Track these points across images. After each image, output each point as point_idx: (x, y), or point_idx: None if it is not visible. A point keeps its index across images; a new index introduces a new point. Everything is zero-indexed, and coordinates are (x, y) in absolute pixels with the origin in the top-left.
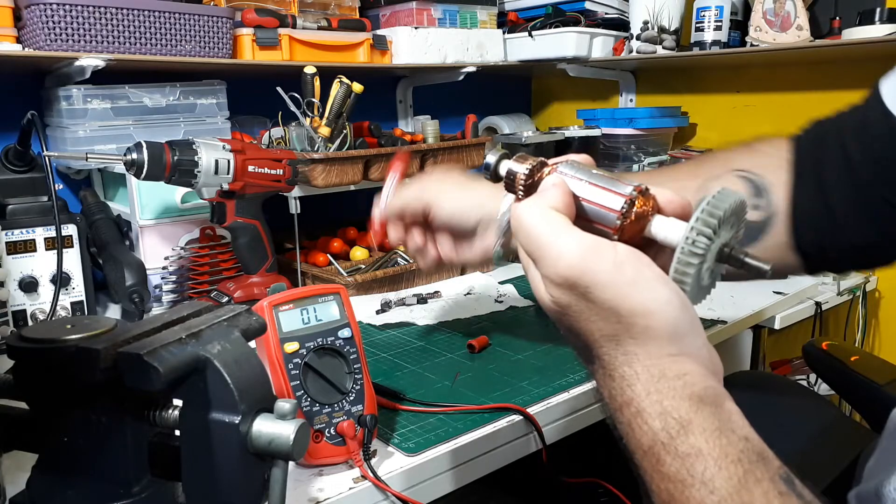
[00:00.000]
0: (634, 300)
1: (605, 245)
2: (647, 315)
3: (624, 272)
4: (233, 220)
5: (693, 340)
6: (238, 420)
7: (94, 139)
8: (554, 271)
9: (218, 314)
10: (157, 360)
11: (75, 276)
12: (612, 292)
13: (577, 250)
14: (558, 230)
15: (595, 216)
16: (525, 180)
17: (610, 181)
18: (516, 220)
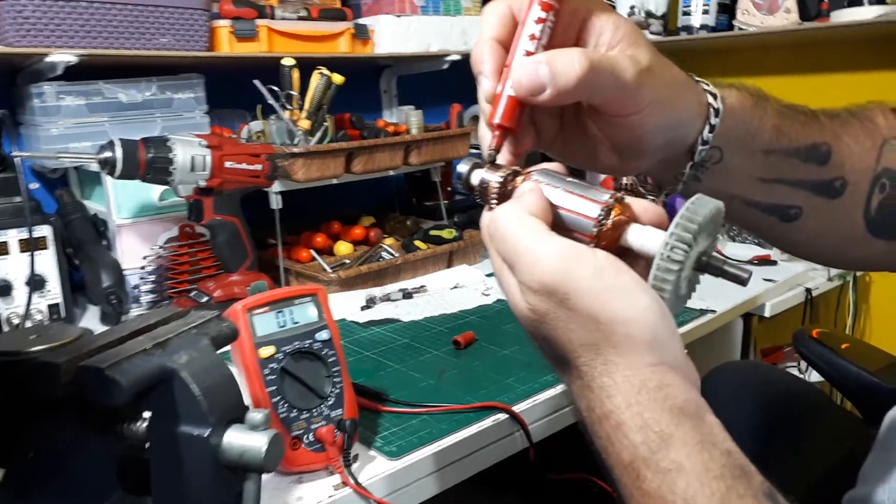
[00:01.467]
0: (615, 307)
1: (584, 251)
2: (627, 322)
3: (604, 278)
4: (211, 218)
5: (672, 349)
6: (208, 433)
7: (69, 137)
8: (531, 277)
9: (187, 321)
10: (119, 373)
11: (51, 279)
12: (592, 299)
13: (556, 255)
14: (536, 235)
15: (571, 224)
16: (499, 189)
17: (585, 189)
18: (492, 225)
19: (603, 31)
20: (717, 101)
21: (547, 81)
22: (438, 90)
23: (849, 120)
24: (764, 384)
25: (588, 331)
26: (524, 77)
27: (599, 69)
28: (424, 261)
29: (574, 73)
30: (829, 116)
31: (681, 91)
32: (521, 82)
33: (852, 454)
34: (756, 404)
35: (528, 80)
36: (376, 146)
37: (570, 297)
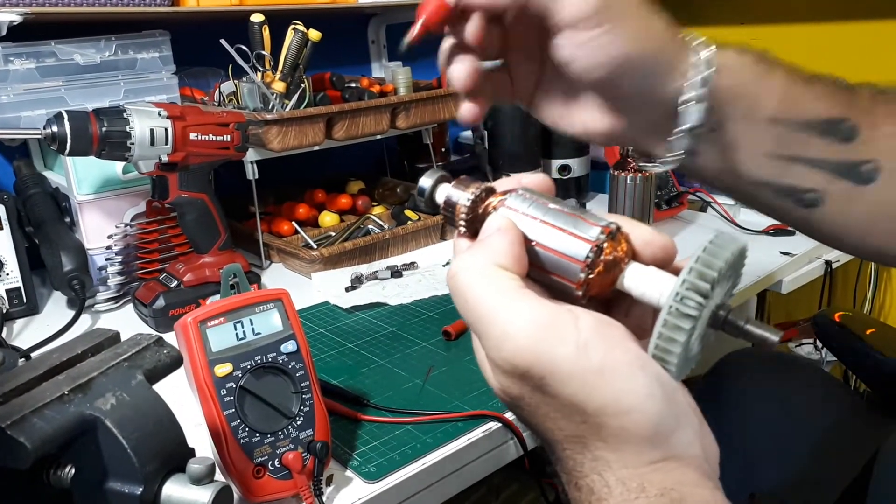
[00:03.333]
0: (604, 395)
1: (564, 320)
2: (621, 414)
3: (590, 357)
4: (177, 196)
5: (681, 436)
6: (140, 490)
7: (21, 104)
8: (499, 355)
9: (118, 351)
10: (23, 433)
11: (8, 262)
12: (576, 385)
13: (528, 329)
14: (504, 300)
15: (553, 267)
16: (467, 213)
17: (571, 220)
18: (452, 281)
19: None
20: (704, 52)
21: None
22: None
23: (891, 101)
24: (779, 373)
25: (572, 422)
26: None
27: None
28: (416, 234)
29: None
30: (870, 91)
31: (653, 25)
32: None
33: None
34: (771, 395)
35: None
36: (359, 110)
37: (547, 382)
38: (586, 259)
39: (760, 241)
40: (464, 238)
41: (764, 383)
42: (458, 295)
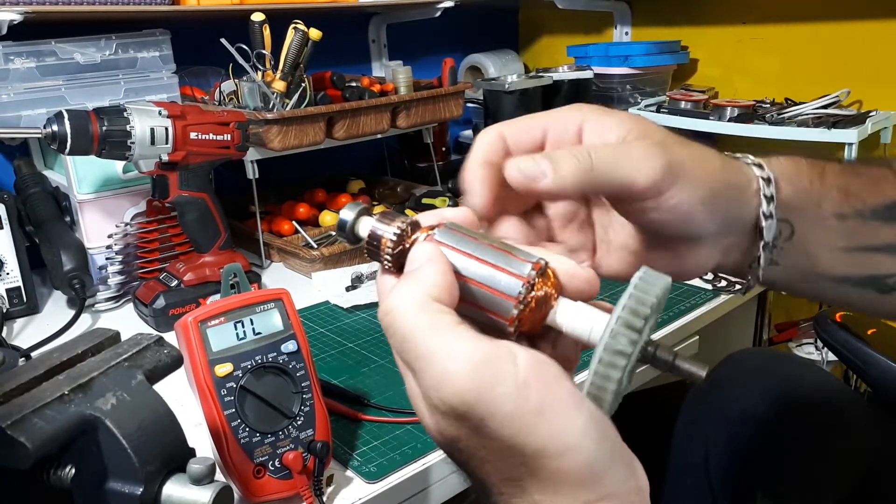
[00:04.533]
0: (542, 436)
1: (503, 358)
2: (557, 455)
3: (528, 398)
4: (177, 195)
5: (616, 473)
6: (140, 490)
7: (21, 104)
8: (437, 394)
9: (118, 351)
10: (24, 433)
11: (8, 261)
12: (515, 426)
13: (467, 369)
14: (442, 338)
15: (484, 302)
16: (393, 248)
17: (501, 255)
18: (385, 318)
19: (606, 132)
20: (764, 170)
21: (546, 169)
22: (433, 39)
23: None
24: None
25: (510, 465)
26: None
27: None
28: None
29: (577, 169)
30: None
31: (712, 162)
32: (517, 168)
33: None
34: (771, 398)
35: (526, 167)
36: (360, 109)
37: (486, 424)
38: (518, 295)
39: None
40: (388, 274)
41: (765, 383)
42: (394, 334)
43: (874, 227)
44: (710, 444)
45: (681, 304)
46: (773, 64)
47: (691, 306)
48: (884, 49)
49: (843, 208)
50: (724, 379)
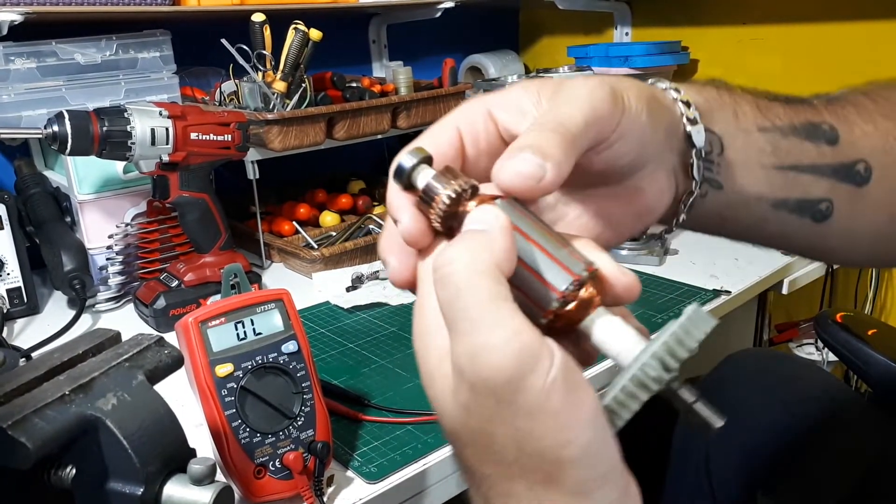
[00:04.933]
0: (549, 441)
1: (544, 351)
2: (554, 463)
3: (551, 398)
4: (177, 195)
5: (606, 494)
6: (141, 491)
7: (21, 104)
8: (471, 362)
9: (119, 352)
10: (25, 433)
11: (9, 261)
12: (529, 422)
13: (512, 348)
14: (498, 306)
15: (527, 286)
16: (446, 208)
17: (557, 246)
18: (443, 263)
19: (516, 103)
20: (666, 83)
21: (541, 162)
22: (430, 41)
23: (854, 100)
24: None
25: (506, 453)
26: (518, 166)
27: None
28: None
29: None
30: (826, 100)
31: (632, 80)
32: (519, 173)
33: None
34: (771, 398)
35: (525, 168)
36: (360, 109)
37: (505, 408)
38: (565, 290)
39: None
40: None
41: (766, 383)
42: (448, 286)
43: (797, 144)
44: (711, 444)
45: (681, 304)
46: (773, 64)
47: None
48: (884, 49)
49: (761, 121)
50: (725, 379)
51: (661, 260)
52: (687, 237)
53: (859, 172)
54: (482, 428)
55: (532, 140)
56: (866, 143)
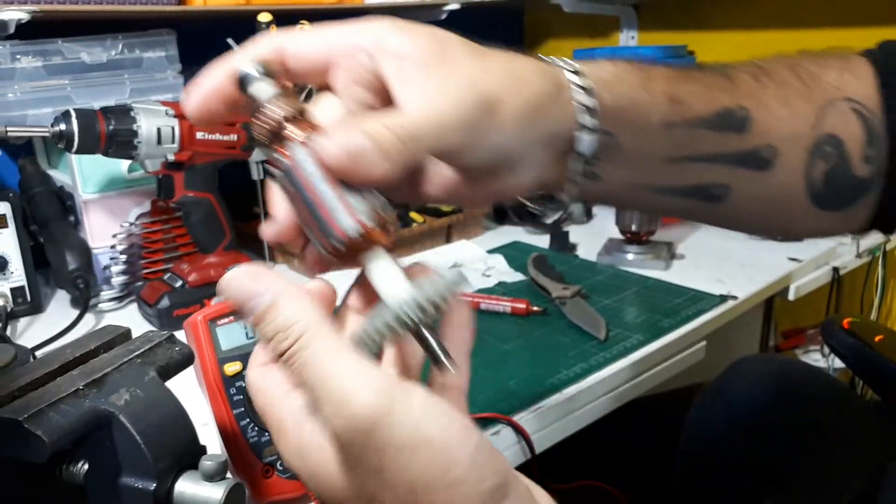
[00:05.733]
0: (434, 470)
1: (400, 387)
2: (449, 487)
3: (421, 428)
4: (182, 195)
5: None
6: (153, 486)
7: (27, 103)
8: (336, 414)
9: (131, 348)
10: (40, 426)
11: (13, 260)
12: (411, 456)
13: (370, 388)
14: (340, 363)
15: (316, 219)
16: (272, 126)
17: (347, 193)
18: (289, 359)
19: (405, 60)
20: (582, 78)
21: (370, 150)
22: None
23: (780, 76)
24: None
25: (404, 498)
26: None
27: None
28: (421, 235)
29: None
30: (752, 75)
31: (523, 78)
32: (349, 153)
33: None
34: (779, 403)
35: (355, 150)
36: None
37: (385, 451)
38: (351, 235)
39: (768, 246)
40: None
41: (773, 388)
42: (301, 369)
43: (702, 134)
44: (717, 448)
45: (688, 308)
46: None
47: (698, 311)
48: None
49: (672, 117)
50: (732, 384)
51: (668, 264)
52: (693, 243)
53: (764, 158)
54: (372, 481)
55: (373, 129)
56: (777, 127)
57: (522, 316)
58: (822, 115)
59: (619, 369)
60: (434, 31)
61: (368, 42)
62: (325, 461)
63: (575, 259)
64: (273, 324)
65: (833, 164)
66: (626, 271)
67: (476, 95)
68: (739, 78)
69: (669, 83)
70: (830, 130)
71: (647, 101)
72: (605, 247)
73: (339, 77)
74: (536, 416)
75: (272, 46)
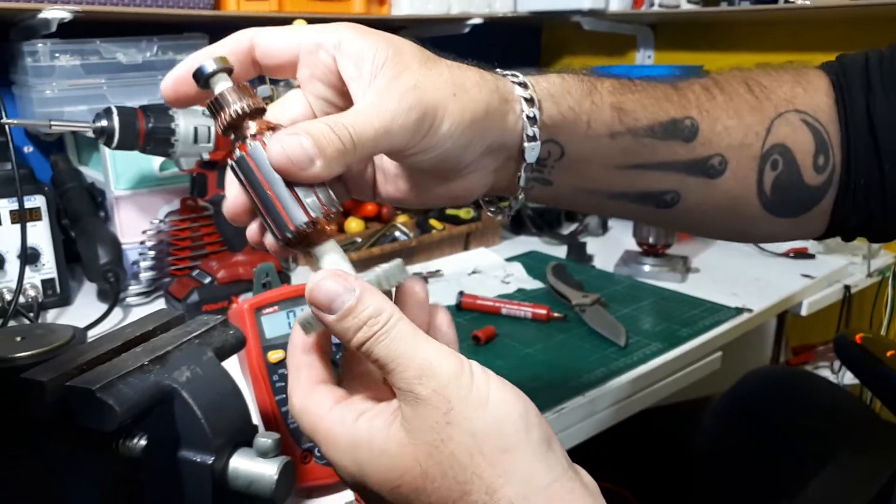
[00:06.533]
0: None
1: (464, 361)
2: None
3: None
4: (215, 193)
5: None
6: (211, 460)
7: (64, 100)
8: (419, 379)
9: (188, 329)
10: (112, 396)
11: (45, 252)
12: (475, 411)
13: (451, 360)
14: (420, 343)
15: (269, 211)
16: (231, 120)
17: (301, 192)
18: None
19: (362, 61)
20: (528, 90)
21: (313, 153)
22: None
23: (731, 89)
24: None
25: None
26: (287, 147)
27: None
28: (440, 242)
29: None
30: (704, 88)
31: (471, 91)
32: (288, 156)
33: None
34: (793, 413)
35: (294, 154)
36: None
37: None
38: (299, 227)
39: (781, 263)
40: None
41: (785, 399)
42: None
43: (649, 144)
44: (733, 457)
45: (704, 319)
46: None
47: (714, 322)
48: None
49: (616, 127)
50: (746, 395)
51: (684, 277)
52: (708, 258)
53: (713, 166)
54: (439, 435)
55: (317, 130)
56: (725, 138)
57: (543, 322)
58: (771, 126)
59: (639, 375)
60: (391, 38)
61: (331, 43)
62: (384, 440)
63: (592, 269)
64: (365, 312)
65: (782, 172)
66: (642, 282)
67: (419, 101)
68: (690, 90)
69: (615, 94)
70: (779, 140)
71: (592, 112)
72: (622, 258)
73: (304, 73)
74: (559, 417)
75: (244, 40)
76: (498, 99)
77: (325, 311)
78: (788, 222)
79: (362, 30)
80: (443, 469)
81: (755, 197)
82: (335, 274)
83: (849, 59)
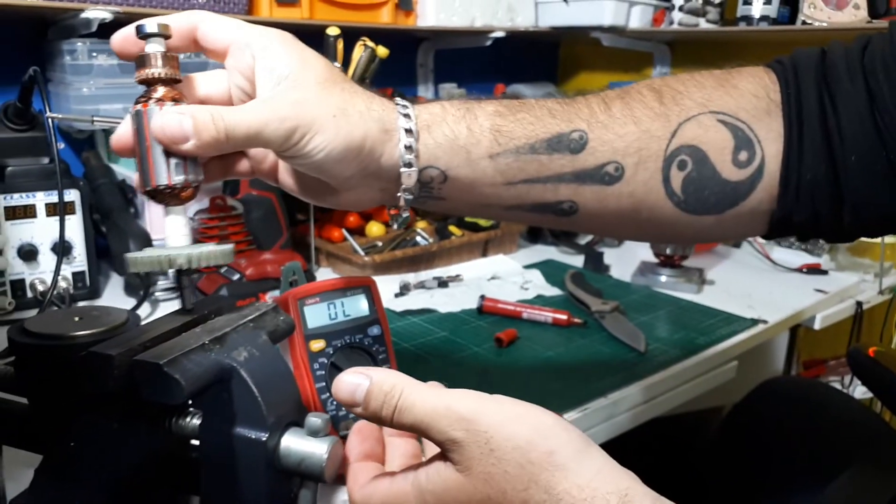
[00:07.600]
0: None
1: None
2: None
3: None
4: (246, 193)
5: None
6: (265, 437)
7: (100, 98)
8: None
9: (243, 314)
10: (178, 371)
11: (77, 245)
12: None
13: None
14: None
15: (142, 164)
16: (146, 77)
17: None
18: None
19: (271, 70)
20: (409, 120)
21: (190, 133)
22: (478, 68)
23: (640, 101)
24: (813, 402)
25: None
26: (166, 122)
27: (236, 134)
28: (459, 248)
29: (211, 134)
30: (602, 100)
31: (352, 118)
32: (164, 129)
33: None
34: (807, 424)
35: (172, 130)
36: None
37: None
38: (158, 185)
39: (795, 278)
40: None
41: (799, 409)
42: None
43: (535, 160)
44: (744, 468)
45: (720, 329)
46: None
47: (731, 332)
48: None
49: (495, 148)
50: (758, 405)
51: (699, 289)
52: (723, 270)
53: (609, 173)
54: (487, 464)
55: (200, 116)
56: (619, 145)
57: (563, 326)
58: (677, 129)
59: (659, 380)
60: (307, 57)
61: (257, 46)
62: (443, 482)
63: (609, 279)
64: (380, 392)
65: (692, 171)
66: (659, 292)
67: (296, 115)
68: (584, 104)
69: (495, 118)
70: (687, 142)
71: (468, 137)
72: (638, 268)
73: (230, 62)
74: (583, 417)
75: (192, 20)
76: (377, 129)
77: (352, 404)
78: (712, 220)
79: (287, 42)
80: (502, 488)
81: (664, 199)
82: (349, 371)
83: (803, 54)
